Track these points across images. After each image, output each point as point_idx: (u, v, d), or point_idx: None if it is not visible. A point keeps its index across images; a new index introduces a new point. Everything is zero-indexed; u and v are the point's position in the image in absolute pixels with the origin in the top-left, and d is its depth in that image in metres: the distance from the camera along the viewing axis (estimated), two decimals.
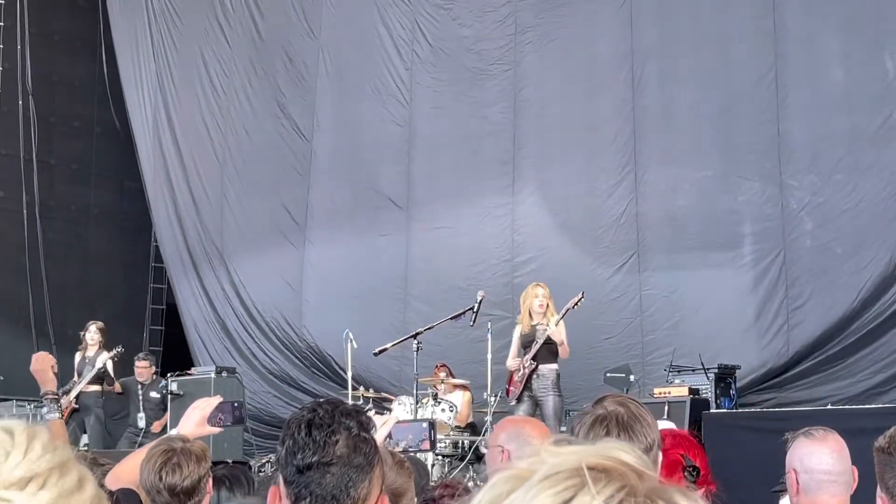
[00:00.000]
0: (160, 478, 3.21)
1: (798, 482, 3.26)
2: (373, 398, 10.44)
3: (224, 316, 13.67)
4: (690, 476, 2.80)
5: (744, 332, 10.31)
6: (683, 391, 8.81)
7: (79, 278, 14.50)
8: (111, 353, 10.64)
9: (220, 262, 13.77)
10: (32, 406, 11.57)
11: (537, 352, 8.72)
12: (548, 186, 11.66)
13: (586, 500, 0.84)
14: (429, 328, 9.49)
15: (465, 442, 9.38)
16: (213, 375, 11.37)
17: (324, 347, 12.65)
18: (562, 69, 11.64)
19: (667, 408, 8.47)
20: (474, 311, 9.23)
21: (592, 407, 2.54)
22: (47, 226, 14.26)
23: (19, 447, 1.00)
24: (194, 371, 12.04)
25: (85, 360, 10.85)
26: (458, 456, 9.28)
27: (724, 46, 10.77)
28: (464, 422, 9.87)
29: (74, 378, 10.86)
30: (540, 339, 8.70)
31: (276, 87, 13.58)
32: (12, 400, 12.42)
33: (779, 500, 3.89)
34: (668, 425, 4.73)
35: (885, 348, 9.61)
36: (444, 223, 12.15)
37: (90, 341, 10.85)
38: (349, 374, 10.18)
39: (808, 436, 3.32)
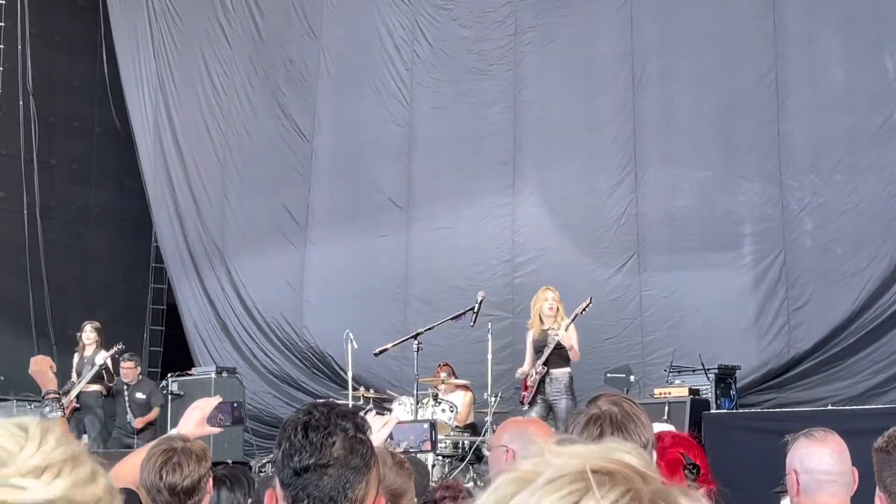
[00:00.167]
0: (160, 477, 3.21)
1: (798, 483, 3.26)
2: (373, 398, 10.43)
3: (224, 316, 13.67)
4: (691, 474, 2.80)
5: (744, 333, 10.31)
6: (684, 392, 8.80)
7: (79, 278, 14.49)
8: (111, 350, 10.64)
9: (221, 262, 13.77)
10: (33, 406, 11.55)
11: (548, 357, 8.73)
12: (548, 187, 11.65)
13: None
14: (429, 328, 9.48)
15: (466, 442, 9.37)
16: (214, 375, 11.37)
17: (324, 348, 12.64)
18: (562, 69, 11.64)
19: (667, 408, 8.46)
20: (475, 311, 9.22)
21: (586, 406, 2.54)
22: (48, 226, 14.26)
23: (34, 439, 1.02)
24: (195, 371, 12.04)
25: (83, 360, 10.85)
26: (459, 456, 9.27)
27: (724, 47, 10.77)
28: (464, 422, 9.85)
29: (73, 378, 10.85)
30: (551, 345, 8.71)
31: (276, 88, 13.58)
32: (12, 400, 12.40)
33: (780, 501, 3.89)
34: (668, 428, 4.73)
35: (885, 349, 9.61)
36: (445, 223, 12.14)
37: (86, 341, 10.85)
38: (349, 375, 10.18)
39: (809, 436, 3.32)
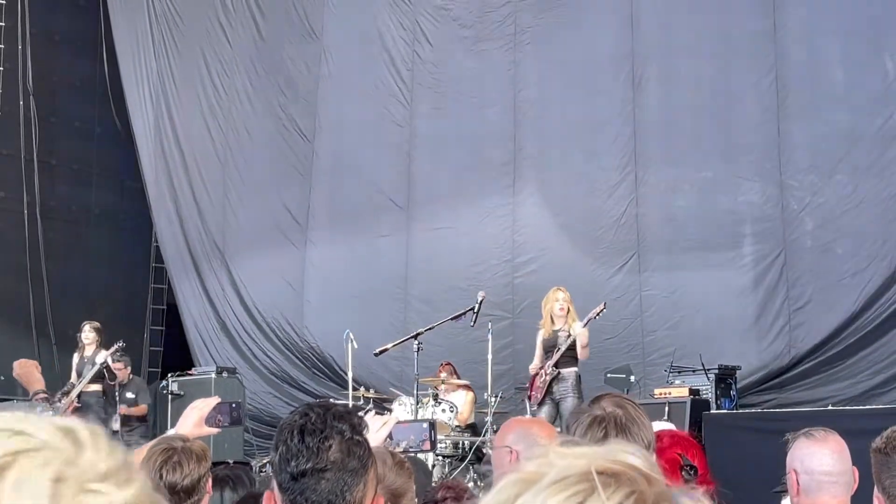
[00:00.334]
0: (160, 476, 3.21)
1: (798, 483, 3.26)
2: (373, 398, 10.44)
3: (224, 316, 13.67)
4: (688, 475, 2.79)
5: (744, 333, 10.31)
6: (684, 392, 8.80)
7: (79, 278, 14.48)
8: (112, 349, 10.60)
9: (221, 262, 13.77)
10: (38, 406, 11.52)
11: (556, 357, 8.73)
12: (548, 187, 11.65)
13: None
14: (429, 328, 9.47)
15: (466, 442, 9.37)
16: (214, 375, 11.38)
17: (324, 348, 12.64)
18: (562, 69, 11.63)
19: (667, 408, 8.46)
20: (475, 311, 9.22)
21: (589, 406, 2.53)
22: (48, 226, 14.26)
23: (91, 443, 1.00)
24: (195, 371, 12.04)
25: (84, 360, 10.83)
26: (459, 456, 9.26)
27: (724, 47, 10.76)
28: (465, 422, 9.85)
29: (72, 379, 10.83)
30: (562, 346, 8.70)
31: (277, 88, 13.58)
32: (13, 400, 12.39)
33: (780, 501, 3.88)
34: (668, 426, 4.73)
35: (885, 349, 9.61)
36: (445, 223, 12.14)
37: (86, 341, 10.83)
38: (349, 375, 10.18)
39: (809, 436, 3.32)
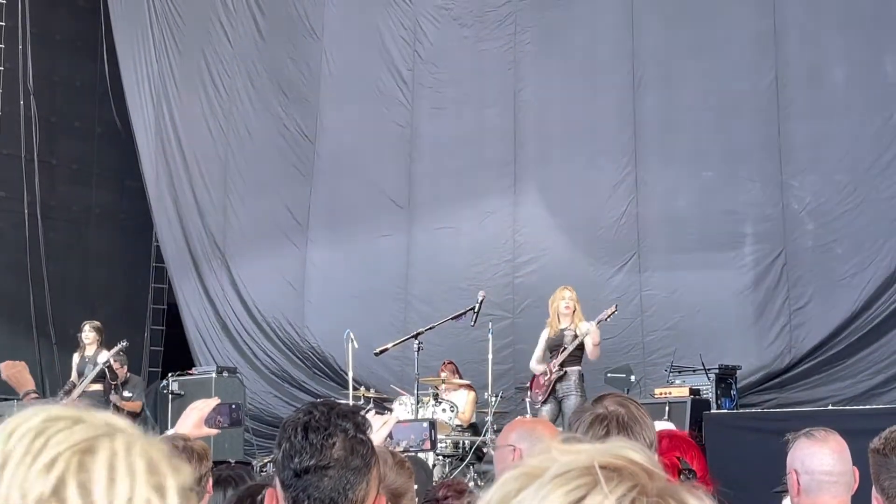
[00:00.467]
0: None
1: (799, 483, 3.26)
2: (373, 398, 10.44)
3: (225, 316, 13.66)
4: (686, 479, 2.79)
5: (744, 333, 10.31)
6: (684, 392, 8.79)
7: (80, 278, 14.48)
8: (115, 349, 10.58)
9: (222, 262, 13.77)
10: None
11: (562, 356, 8.71)
12: (548, 187, 11.65)
13: (598, 499, 0.84)
14: (430, 328, 9.48)
15: (466, 442, 9.37)
16: (214, 375, 11.36)
17: (325, 347, 12.64)
18: (562, 69, 11.63)
19: (668, 408, 8.46)
20: (475, 311, 9.22)
21: (592, 405, 2.54)
22: (48, 226, 14.26)
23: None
24: (195, 371, 12.03)
25: (85, 360, 10.82)
26: (459, 456, 9.27)
27: (724, 47, 10.76)
28: (467, 422, 9.84)
29: (72, 378, 10.82)
30: (569, 346, 8.67)
31: (278, 88, 13.58)
32: (13, 400, 12.39)
33: (781, 501, 3.89)
34: (668, 426, 4.73)
35: (885, 349, 9.62)
36: (446, 223, 12.14)
37: (86, 341, 10.82)
38: (350, 375, 10.18)
39: (809, 436, 3.32)
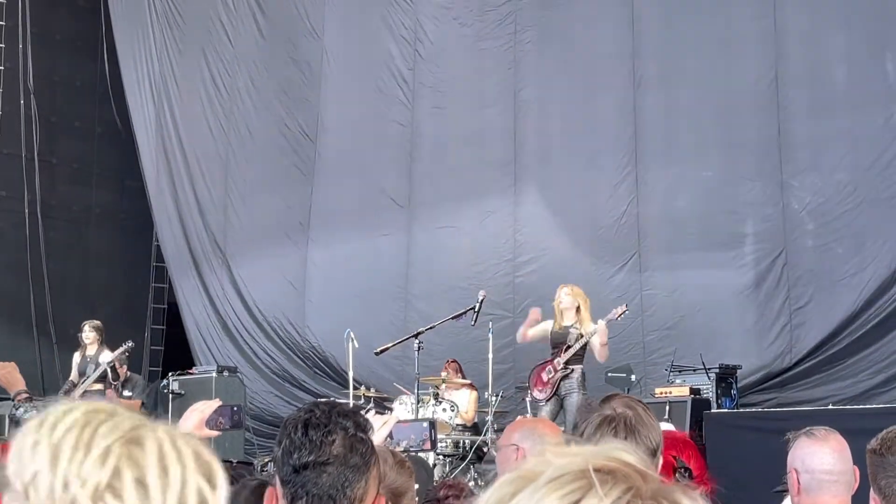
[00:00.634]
0: None
1: (799, 482, 3.26)
2: (374, 397, 10.44)
3: (225, 315, 13.66)
4: (682, 477, 2.79)
5: (745, 333, 10.31)
6: (685, 391, 8.80)
7: (80, 277, 14.49)
8: (119, 350, 10.55)
9: (223, 261, 13.77)
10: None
11: (567, 354, 8.71)
12: (549, 186, 11.65)
13: (594, 502, 0.85)
14: (430, 328, 9.48)
15: (467, 442, 9.37)
16: (215, 375, 11.36)
17: (325, 347, 12.64)
18: (563, 68, 11.63)
19: (668, 408, 8.47)
20: (475, 310, 9.23)
21: (600, 405, 2.53)
22: (49, 225, 14.26)
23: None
24: (195, 370, 12.02)
25: (86, 360, 10.82)
26: (460, 455, 9.27)
27: (724, 46, 10.76)
28: (470, 421, 9.83)
29: (71, 377, 10.82)
30: (574, 344, 8.65)
31: (279, 87, 13.58)
32: (5, 400, 12.39)
33: (781, 501, 3.88)
34: (667, 426, 4.73)
35: (886, 348, 9.61)
36: (446, 223, 12.15)
37: (87, 340, 10.82)
38: (350, 374, 10.19)
39: (810, 436, 3.32)
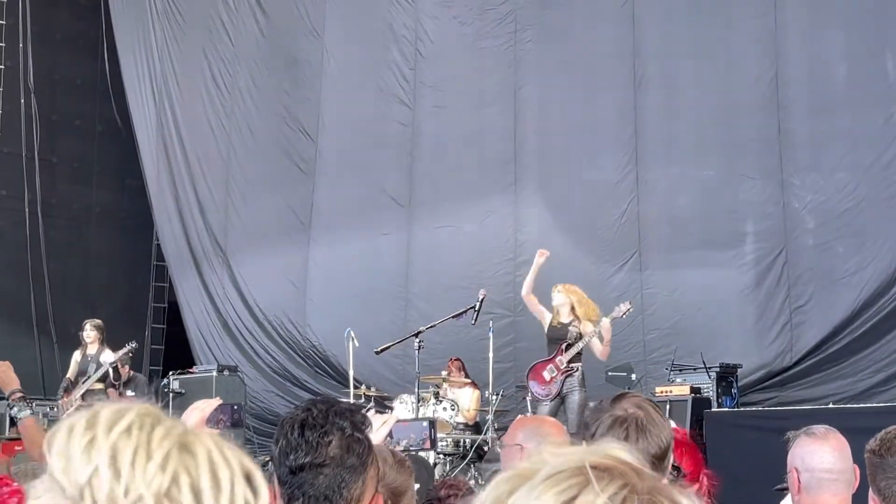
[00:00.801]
0: None
1: (799, 481, 3.26)
2: (374, 397, 10.44)
3: (226, 314, 13.67)
4: (672, 476, 2.79)
5: (745, 331, 10.31)
6: (685, 390, 8.80)
7: (80, 276, 14.49)
8: (123, 351, 10.54)
9: (223, 260, 13.77)
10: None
11: (569, 354, 8.70)
12: (549, 185, 11.65)
13: (590, 498, 0.85)
14: (430, 327, 9.49)
15: (467, 440, 9.37)
16: (215, 374, 11.37)
17: (326, 346, 12.65)
18: (563, 67, 11.63)
19: (668, 406, 8.46)
20: (476, 309, 9.24)
21: (610, 405, 2.53)
22: (49, 224, 14.26)
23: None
24: (196, 369, 12.03)
25: (87, 359, 10.82)
26: (460, 454, 9.27)
27: (725, 45, 10.76)
28: (472, 420, 9.83)
29: (68, 375, 10.81)
30: (575, 343, 8.65)
31: (280, 87, 13.58)
32: (7, 399, 12.38)
33: (781, 499, 3.88)
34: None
35: (886, 347, 9.62)
36: (447, 222, 12.15)
37: (87, 339, 10.83)
38: (351, 373, 10.19)
39: (810, 434, 3.32)
